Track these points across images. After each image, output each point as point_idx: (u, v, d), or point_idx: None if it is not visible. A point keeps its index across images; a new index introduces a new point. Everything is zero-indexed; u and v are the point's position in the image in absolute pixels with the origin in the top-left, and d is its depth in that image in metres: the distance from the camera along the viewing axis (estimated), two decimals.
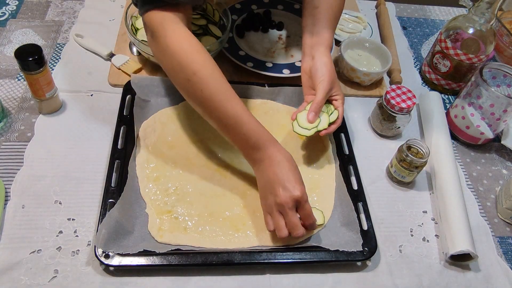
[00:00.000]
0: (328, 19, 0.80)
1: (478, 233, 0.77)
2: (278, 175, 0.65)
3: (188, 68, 0.65)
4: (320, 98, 0.75)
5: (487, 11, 0.88)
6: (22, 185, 0.72)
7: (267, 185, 0.66)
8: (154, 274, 0.65)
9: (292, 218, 0.64)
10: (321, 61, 0.77)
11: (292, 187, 0.64)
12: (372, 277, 0.69)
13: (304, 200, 0.65)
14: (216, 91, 0.66)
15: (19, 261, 0.63)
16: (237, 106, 0.67)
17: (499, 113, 0.84)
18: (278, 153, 0.67)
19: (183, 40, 0.66)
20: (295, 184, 0.65)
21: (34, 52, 0.73)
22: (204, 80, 0.65)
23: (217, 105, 0.66)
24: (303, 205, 0.65)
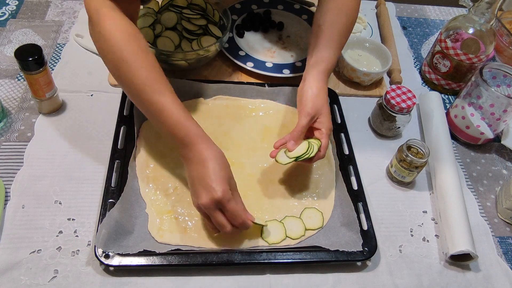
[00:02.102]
0: (330, 39, 0.77)
1: (478, 233, 0.77)
2: (200, 175, 0.62)
3: (118, 55, 0.64)
4: (300, 126, 0.71)
5: (487, 11, 0.88)
6: (22, 185, 0.72)
7: (192, 186, 0.64)
8: (154, 274, 0.65)
9: (217, 219, 0.62)
10: (309, 85, 0.73)
11: (213, 188, 0.61)
12: (372, 277, 0.69)
13: (226, 200, 0.61)
14: (145, 82, 0.64)
15: (19, 261, 0.63)
16: (165, 98, 0.64)
17: (499, 113, 0.84)
18: (206, 150, 0.64)
19: (116, 27, 0.64)
20: (217, 185, 0.61)
21: (34, 52, 0.73)
22: (133, 69, 0.64)
23: (145, 96, 0.64)
24: (225, 206, 0.61)
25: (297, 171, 0.79)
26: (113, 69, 0.66)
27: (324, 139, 0.72)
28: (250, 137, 0.83)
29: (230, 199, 0.62)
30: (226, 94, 0.88)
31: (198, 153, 0.64)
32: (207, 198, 0.61)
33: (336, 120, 0.87)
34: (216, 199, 0.61)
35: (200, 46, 0.89)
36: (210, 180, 0.62)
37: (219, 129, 0.83)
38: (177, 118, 0.64)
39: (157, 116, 0.65)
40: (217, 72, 0.95)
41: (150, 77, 0.65)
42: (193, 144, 0.64)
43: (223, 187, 0.61)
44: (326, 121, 0.73)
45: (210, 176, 0.62)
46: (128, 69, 0.64)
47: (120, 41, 0.64)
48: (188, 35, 0.92)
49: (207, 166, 0.63)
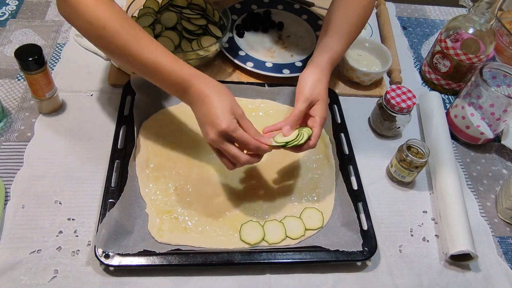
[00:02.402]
0: (339, 30, 0.77)
1: (478, 233, 0.77)
2: (204, 114, 0.63)
3: (96, 24, 0.64)
4: (297, 111, 0.70)
5: (487, 11, 0.88)
6: (22, 185, 0.72)
7: (201, 127, 0.65)
8: (154, 274, 0.65)
9: (229, 151, 0.62)
10: (310, 71, 0.73)
11: (216, 122, 0.61)
12: (372, 277, 0.69)
13: (231, 130, 0.61)
14: (129, 40, 0.64)
15: (19, 261, 0.63)
16: (153, 51, 0.65)
17: (499, 113, 0.84)
18: (204, 87, 0.64)
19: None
20: (219, 117, 0.61)
21: (34, 52, 0.73)
22: (115, 32, 0.64)
23: (133, 54, 0.64)
24: (233, 135, 0.62)
25: (297, 171, 0.79)
26: (96, 40, 0.66)
27: (316, 128, 0.70)
28: None
29: (236, 128, 0.62)
30: None
31: (197, 92, 0.64)
32: (212, 133, 0.62)
33: (336, 120, 0.87)
34: (221, 131, 0.61)
35: (200, 46, 0.89)
36: (213, 114, 0.62)
37: None
38: (170, 66, 0.65)
39: (152, 70, 0.65)
40: (217, 72, 0.95)
41: (135, 35, 0.65)
42: (191, 86, 0.64)
43: (226, 118, 0.62)
44: (322, 110, 0.71)
45: (212, 110, 0.62)
46: (110, 34, 0.64)
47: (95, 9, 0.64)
48: (188, 35, 0.92)
49: (208, 101, 0.63)
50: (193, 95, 0.65)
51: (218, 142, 0.62)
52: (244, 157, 0.63)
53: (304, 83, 0.72)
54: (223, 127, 0.61)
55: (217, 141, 0.62)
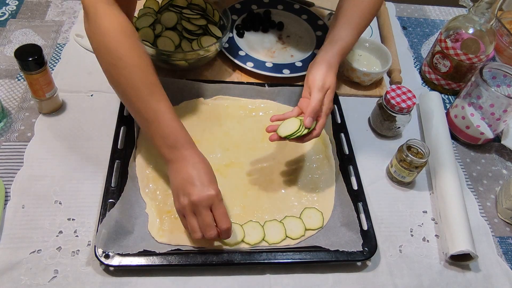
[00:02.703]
0: (349, 19, 0.77)
1: (478, 233, 0.77)
2: (192, 175, 0.62)
3: (114, 52, 0.63)
4: (316, 101, 0.70)
5: (487, 11, 0.88)
6: (22, 185, 0.72)
7: (181, 185, 0.63)
8: (154, 274, 0.65)
9: (205, 218, 0.61)
10: (321, 60, 0.73)
11: (206, 186, 0.61)
12: (372, 277, 0.69)
13: (219, 199, 0.62)
14: (141, 82, 0.63)
15: (19, 261, 0.63)
16: (160, 102, 0.64)
17: (499, 113, 0.84)
18: (194, 154, 0.65)
19: (113, 24, 0.64)
20: (210, 184, 0.62)
21: (34, 52, 0.73)
22: (129, 67, 0.63)
23: (139, 97, 0.63)
24: (217, 204, 0.62)
25: (297, 171, 0.79)
26: (107, 67, 0.65)
27: (322, 117, 0.71)
28: (250, 137, 0.83)
29: (222, 200, 0.62)
30: (226, 94, 0.88)
31: (188, 156, 0.64)
32: (200, 194, 0.61)
33: (336, 120, 0.87)
34: (209, 195, 0.61)
35: (200, 46, 0.89)
36: (203, 180, 0.62)
37: (219, 129, 0.83)
38: (171, 122, 0.65)
39: (151, 119, 0.64)
40: (217, 72, 0.95)
41: (148, 78, 0.64)
42: (183, 148, 0.64)
43: (216, 188, 0.62)
44: (329, 100, 0.72)
45: (204, 177, 0.62)
46: (125, 67, 0.63)
47: (118, 38, 0.63)
48: (188, 35, 0.92)
49: (199, 168, 0.63)
50: (182, 156, 0.64)
51: (202, 204, 0.61)
52: (214, 231, 0.62)
53: (316, 73, 0.72)
54: (213, 192, 0.61)
55: (201, 203, 0.61)
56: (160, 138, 0.65)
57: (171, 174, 0.65)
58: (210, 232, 0.61)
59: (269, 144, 0.82)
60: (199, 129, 0.82)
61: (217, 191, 0.62)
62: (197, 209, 0.61)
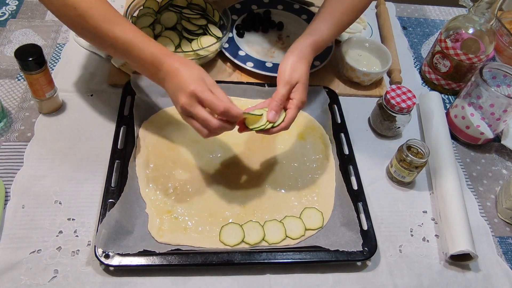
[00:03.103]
0: (329, 14, 0.76)
1: (478, 233, 0.77)
2: (175, 83, 0.63)
3: (68, 5, 0.63)
4: (279, 95, 0.69)
5: (487, 11, 0.88)
6: (22, 185, 0.72)
7: (173, 99, 0.65)
8: (154, 274, 0.65)
9: (199, 115, 0.62)
10: (291, 53, 0.72)
11: (186, 86, 0.61)
12: (372, 277, 0.69)
13: (199, 90, 0.61)
14: (101, 20, 0.64)
15: (19, 261, 0.63)
16: (126, 30, 0.65)
17: (499, 113, 0.84)
18: (175, 62, 0.64)
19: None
20: (188, 81, 0.62)
21: (34, 52, 0.73)
22: (86, 12, 0.64)
23: (105, 33, 0.64)
24: (201, 96, 0.61)
25: (297, 171, 0.79)
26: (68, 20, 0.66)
27: (292, 110, 0.69)
28: (250, 137, 0.83)
29: (204, 90, 0.62)
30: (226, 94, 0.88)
31: (169, 67, 0.65)
32: (182, 97, 0.62)
33: (336, 120, 0.87)
34: (189, 92, 0.61)
35: (200, 46, 0.89)
36: (182, 81, 0.62)
37: None
38: (142, 44, 0.65)
39: (124, 49, 0.65)
40: (217, 72, 0.95)
41: (107, 14, 0.65)
42: (163, 63, 0.65)
43: (195, 82, 0.62)
44: (300, 93, 0.70)
45: (182, 78, 0.63)
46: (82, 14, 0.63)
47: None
48: (188, 35, 0.92)
49: (179, 73, 0.63)
50: (166, 70, 0.65)
51: (188, 105, 0.62)
52: (214, 120, 0.62)
53: (284, 66, 0.71)
54: (191, 88, 0.61)
55: (187, 105, 0.62)
56: (142, 65, 0.66)
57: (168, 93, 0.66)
58: (210, 125, 0.62)
59: (269, 144, 0.82)
60: None
61: (196, 84, 0.61)
62: (188, 112, 0.62)
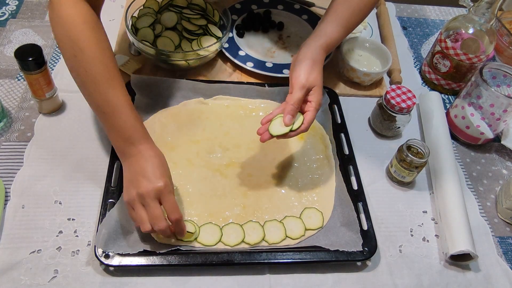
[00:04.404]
0: (338, 15, 0.76)
1: (478, 233, 0.77)
2: (144, 169, 0.62)
3: (76, 44, 0.62)
4: (296, 99, 0.69)
5: (487, 11, 0.88)
6: (22, 185, 0.72)
7: (132, 179, 0.63)
8: (154, 274, 0.65)
9: (153, 210, 0.60)
10: (304, 56, 0.72)
11: (155, 179, 0.61)
12: (372, 277, 0.69)
13: (167, 191, 0.61)
14: (100, 75, 0.63)
15: (19, 261, 0.63)
16: (119, 96, 0.64)
17: (499, 113, 0.84)
18: (149, 150, 0.65)
19: (77, 13, 0.63)
20: (160, 177, 0.61)
21: (34, 52, 0.73)
22: (90, 60, 0.62)
23: (98, 89, 0.63)
24: (166, 196, 0.61)
25: (297, 171, 0.79)
26: (68, 58, 0.64)
27: (311, 113, 0.70)
28: (250, 137, 0.83)
29: (171, 192, 0.62)
30: (226, 94, 0.88)
31: (142, 150, 0.64)
32: (148, 186, 0.60)
33: (336, 120, 0.87)
34: (157, 187, 0.60)
35: (200, 46, 0.89)
36: (154, 173, 0.62)
37: (219, 129, 0.83)
38: (128, 117, 0.64)
39: (108, 112, 0.64)
40: (217, 72, 0.95)
41: (109, 72, 0.64)
42: (139, 142, 0.65)
43: (166, 181, 0.62)
44: (318, 95, 0.71)
45: (155, 170, 0.62)
46: (85, 60, 0.62)
47: (80, 29, 0.62)
48: (188, 35, 0.92)
49: (150, 161, 0.63)
50: (137, 150, 0.64)
51: (150, 196, 0.60)
52: (164, 223, 0.61)
53: (299, 69, 0.71)
54: (161, 184, 0.61)
55: (149, 195, 0.60)
56: (117, 132, 0.65)
57: (125, 168, 0.66)
58: (159, 224, 0.60)
59: (269, 144, 0.82)
60: (199, 129, 0.82)
61: (166, 183, 0.61)
62: (145, 200, 0.61)
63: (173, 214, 0.62)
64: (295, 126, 0.69)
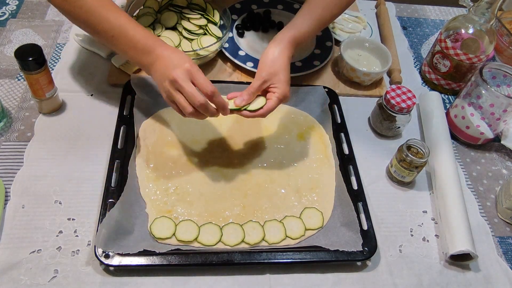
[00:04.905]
0: (310, 10, 0.78)
1: (478, 233, 0.77)
2: (167, 63, 0.66)
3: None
4: (251, 88, 0.71)
5: (487, 11, 0.88)
6: (22, 185, 0.72)
7: (162, 75, 0.66)
8: (154, 274, 0.65)
9: (187, 89, 0.63)
10: (269, 49, 0.74)
11: (180, 63, 0.64)
12: (372, 277, 0.69)
13: (195, 69, 0.65)
14: (95, 4, 0.67)
15: (19, 261, 0.63)
16: (120, 16, 0.68)
17: (499, 113, 0.84)
18: (166, 50, 0.68)
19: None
20: (184, 61, 0.65)
21: (34, 52, 0.73)
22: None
23: (99, 18, 0.67)
24: (195, 74, 0.64)
25: (297, 171, 0.79)
26: (61, 3, 0.68)
27: (271, 101, 0.71)
28: (250, 137, 0.83)
29: (199, 71, 0.65)
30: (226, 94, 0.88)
31: (160, 53, 0.68)
32: (176, 70, 0.64)
33: (336, 120, 0.87)
34: (185, 68, 0.64)
35: (200, 46, 0.89)
36: (177, 60, 0.65)
37: (219, 129, 0.83)
38: (135, 30, 0.68)
39: (116, 34, 0.68)
40: (217, 72, 0.95)
41: (101, 2, 0.68)
42: (154, 49, 0.68)
43: (190, 62, 0.65)
44: (282, 86, 0.72)
45: (175, 59, 0.66)
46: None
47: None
48: (188, 35, 0.92)
49: (171, 57, 0.66)
50: (156, 56, 0.68)
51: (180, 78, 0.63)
52: (201, 96, 0.64)
53: (263, 60, 0.73)
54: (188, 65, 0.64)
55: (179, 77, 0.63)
56: (132, 48, 0.69)
57: (154, 75, 0.69)
58: (196, 100, 0.63)
59: (269, 144, 0.82)
60: (199, 129, 0.82)
61: (192, 64, 0.65)
62: (178, 85, 0.64)
63: (207, 87, 0.64)
64: (252, 107, 0.71)
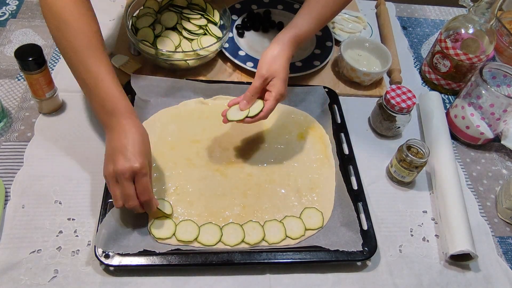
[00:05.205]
0: (310, 9, 0.78)
1: (478, 233, 0.77)
2: (123, 145, 0.62)
3: (60, 16, 0.64)
4: (252, 87, 0.71)
5: (487, 11, 0.88)
6: (22, 185, 0.72)
7: (111, 153, 0.63)
8: (154, 274, 0.65)
9: (126, 189, 0.61)
10: (270, 47, 0.73)
11: (133, 158, 0.61)
12: (372, 277, 0.69)
13: (142, 173, 0.62)
14: (84, 46, 0.65)
15: (19, 261, 0.63)
16: (100, 66, 0.65)
17: (499, 113, 0.84)
18: (131, 124, 0.64)
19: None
20: (137, 156, 0.61)
21: (34, 52, 0.73)
22: (73, 31, 0.64)
23: (81, 60, 0.65)
24: (140, 178, 0.62)
25: (297, 171, 0.79)
26: (53, 30, 0.67)
27: (270, 102, 0.71)
28: (250, 137, 0.83)
29: (146, 175, 0.62)
30: (226, 94, 0.88)
31: (124, 124, 0.64)
32: (124, 165, 0.61)
33: (336, 120, 0.87)
34: (133, 168, 0.61)
35: (200, 46, 0.89)
36: (133, 151, 0.62)
37: (219, 129, 0.83)
38: (110, 89, 0.65)
39: (91, 83, 0.65)
40: (217, 72, 0.95)
41: (91, 43, 0.65)
42: (122, 116, 0.65)
43: (143, 160, 0.62)
44: (279, 85, 0.71)
45: (132, 147, 0.62)
46: (69, 32, 0.64)
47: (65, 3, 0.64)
48: (188, 35, 0.92)
49: (131, 137, 0.63)
50: (119, 124, 0.64)
51: (124, 176, 0.61)
52: (135, 202, 0.62)
53: (263, 60, 0.73)
54: (137, 166, 0.61)
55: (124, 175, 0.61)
56: (99, 104, 0.66)
57: (107, 142, 0.66)
58: (130, 203, 0.62)
59: (269, 144, 0.82)
60: (199, 129, 0.82)
61: (142, 165, 0.62)
62: (120, 179, 0.62)
63: (142, 196, 0.63)
64: (252, 113, 0.71)
